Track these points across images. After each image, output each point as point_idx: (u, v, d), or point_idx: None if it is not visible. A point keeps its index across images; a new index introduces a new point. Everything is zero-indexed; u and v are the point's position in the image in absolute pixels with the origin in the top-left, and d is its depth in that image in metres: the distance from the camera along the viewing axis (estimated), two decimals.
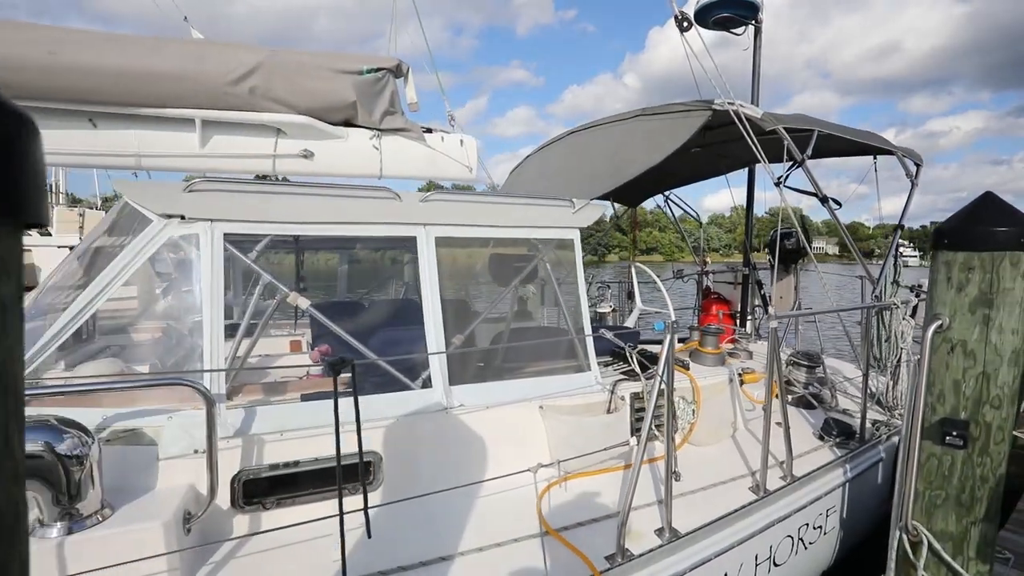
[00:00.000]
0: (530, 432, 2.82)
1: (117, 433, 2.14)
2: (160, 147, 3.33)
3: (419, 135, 4.01)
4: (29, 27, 2.99)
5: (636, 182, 6.23)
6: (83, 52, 2.99)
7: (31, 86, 2.88)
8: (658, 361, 2.47)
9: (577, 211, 3.28)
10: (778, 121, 3.57)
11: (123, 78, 3.05)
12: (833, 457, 3.33)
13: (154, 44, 3.32)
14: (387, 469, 2.48)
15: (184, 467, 2.14)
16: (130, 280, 2.44)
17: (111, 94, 3.07)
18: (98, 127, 3.21)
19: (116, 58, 3.05)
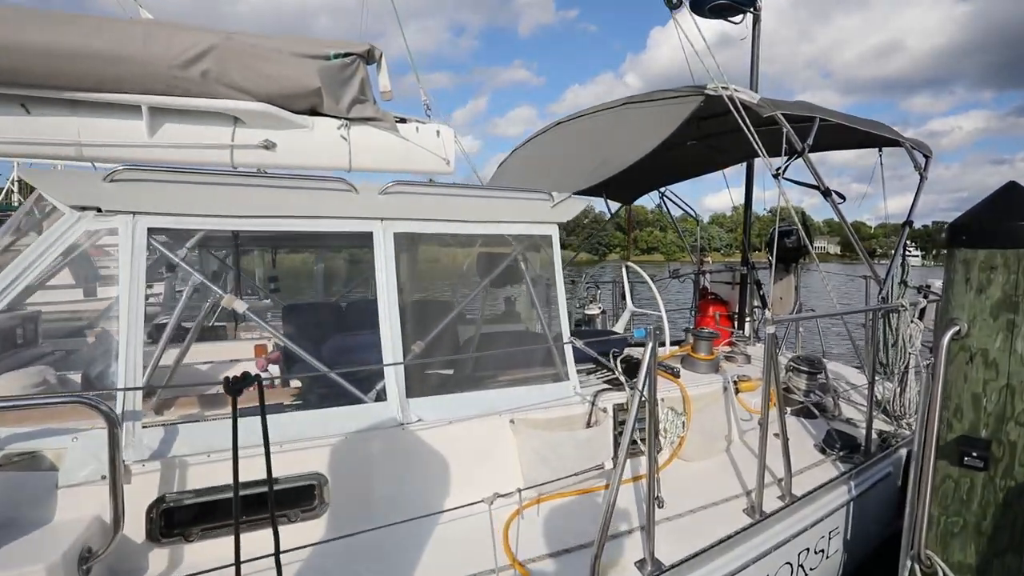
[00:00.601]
0: (499, 450, 2.55)
1: (11, 457, 1.87)
2: (104, 136, 3.06)
3: (391, 125, 3.73)
4: None
5: (629, 178, 5.96)
6: (7, 28, 2.72)
7: None
8: (641, 361, 2.19)
9: (556, 205, 3.01)
10: (776, 107, 3.29)
11: (57, 58, 2.78)
12: (836, 473, 3.05)
13: (95, 23, 3.05)
14: (334, 493, 2.20)
15: (90, 496, 1.87)
16: (78, 280, 2.18)
17: (43, 76, 2.80)
18: (32, 112, 2.94)
19: (48, 36, 2.78)
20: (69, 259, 2.19)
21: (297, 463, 2.16)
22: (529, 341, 3.06)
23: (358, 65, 3.67)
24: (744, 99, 3.22)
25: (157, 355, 2.11)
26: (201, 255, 5.17)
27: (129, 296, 2.05)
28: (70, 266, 6.51)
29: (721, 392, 3.33)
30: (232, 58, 3.13)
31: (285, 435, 2.14)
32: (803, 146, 3.27)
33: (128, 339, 2.01)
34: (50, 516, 1.83)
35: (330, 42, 3.70)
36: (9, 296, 2.02)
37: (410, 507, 2.26)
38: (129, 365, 2.00)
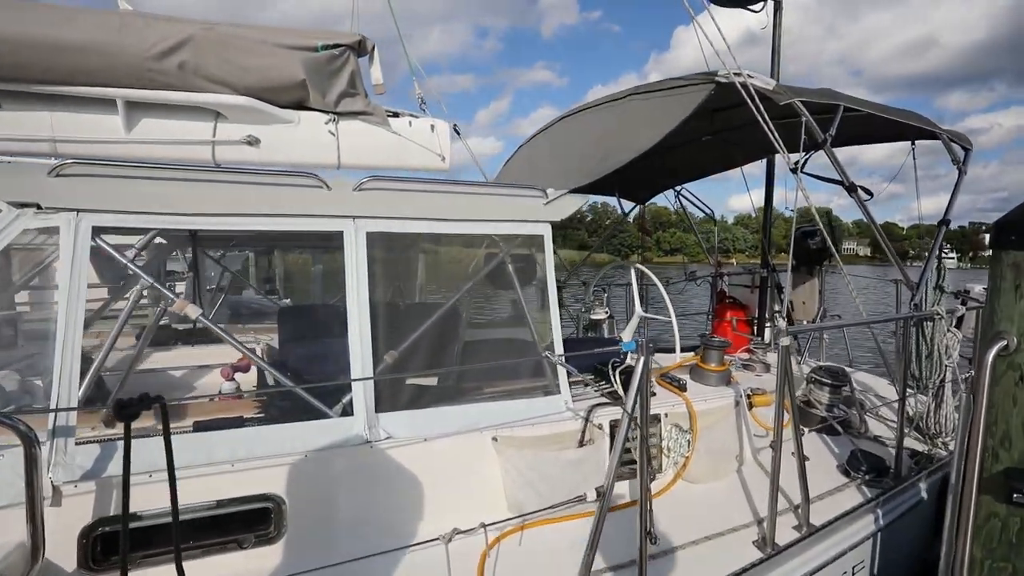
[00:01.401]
0: (480, 471, 2.32)
1: None
2: (79, 131, 2.93)
3: (382, 119, 3.55)
4: None
5: (641, 176, 5.68)
6: None
7: None
8: (631, 378, 1.94)
9: (549, 202, 2.76)
10: (795, 94, 2.98)
11: (25, 49, 2.67)
12: (862, 499, 2.74)
13: (66, 13, 2.92)
14: (292, 517, 2.00)
15: (17, 519, 1.68)
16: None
17: (15, 68, 2.68)
18: (3, 107, 2.82)
19: (14, 26, 2.66)
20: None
21: (251, 483, 1.96)
22: (516, 350, 2.82)
23: (348, 57, 3.49)
24: (759, 86, 2.93)
25: (96, 367, 1.94)
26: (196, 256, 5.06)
27: (68, 301, 1.88)
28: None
29: (732, 407, 3.05)
30: (211, 49, 2.99)
31: (238, 452, 1.95)
32: (824, 137, 2.96)
33: (64, 348, 1.84)
34: None
35: (319, 32, 3.52)
36: None
37: (376, 534, 2.05)
38: (64, 376, 1.83)
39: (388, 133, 3.52)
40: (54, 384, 1.83)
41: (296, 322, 3.61)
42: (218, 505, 1.90)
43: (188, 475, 1.88)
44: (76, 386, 1.85)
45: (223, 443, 1.97)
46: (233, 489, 1.93)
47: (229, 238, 4.55)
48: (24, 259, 3.78)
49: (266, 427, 2.09)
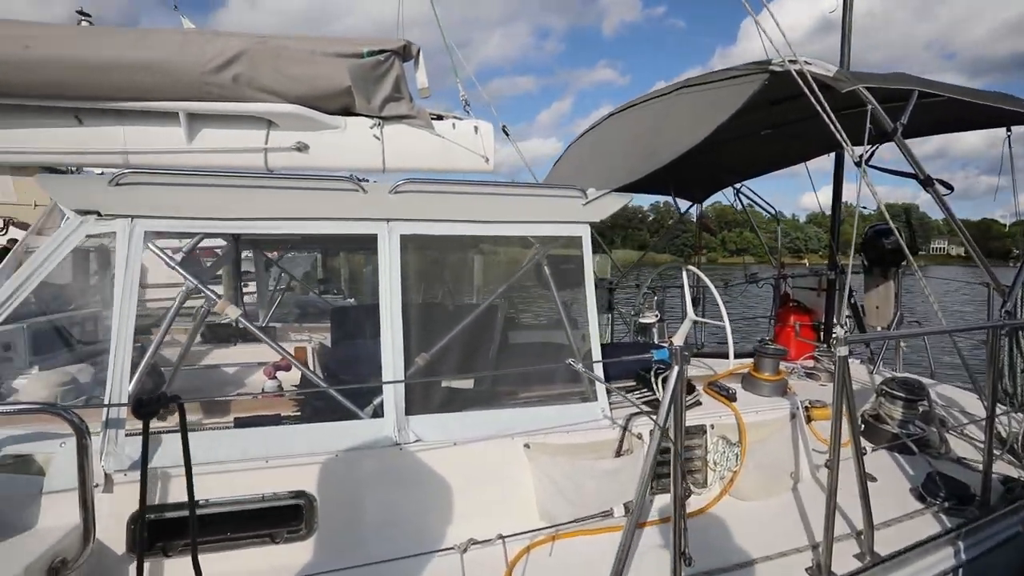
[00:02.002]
0: (511, 478, 2.27)
1: (7, 459, 1.86)
2: (147, 143, 3.14)
3: (426, 122, 3.58)
4: (5, 23, 2.90)
5: (697, 174, 5.44)
6: (60, 45, 2.86)
7: (6, 82, 2.76)
8: (664, 390, 1.83)
9: (589, 203, 2.68)
10: (859, 80, 2.73)
11: (103, 70, 2.89)
12: (940, 528, 2.46)
13: (136, 36, 3.16)
14: (322, 515, 2.03)
15: (74, 503, 1.81)
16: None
17: (93, 88, 2.92)
18: (84, 123, 3.07)
19: (95, 50, 2.91)
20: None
21: (284, 480, 2.01)
22: (552, 355, 2.75)
23: (392, 62, 3.55)
24: (817, 73, 2.70)
25: (145, 363, 2.06)
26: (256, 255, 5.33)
27: (121, 300, 2.00)
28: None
29: (787, 419, 2.83)
30: (262, 61, 3.12)
31: (271, 450, 2.01)
32: (894, 126, 2.69)
33: (117, 345, 1.96)
34: (34, 521, 1.81)
35: (365, 39, 3.61)
36: (19, 298, 2.04)
37: (403, 538, 2.04)
38: (116, 372, 1.95)
39: (432, 136, 3.55)
40: (108, 379, 1.95)
41: (346, 321, 3.71)
42: (255, 500, 1.97)
43: (225, 469, 1.95)
44: (127, 381, 1.96)
45: (259, 439, 2.03)
46: (267, 485, 1.98)
47: (287, 240, 4.75)
48: (105, 260, 4.12)
49: (300, 426, 2.14)
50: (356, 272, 8.60)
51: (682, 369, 1.75)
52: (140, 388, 2.08)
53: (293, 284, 6.53)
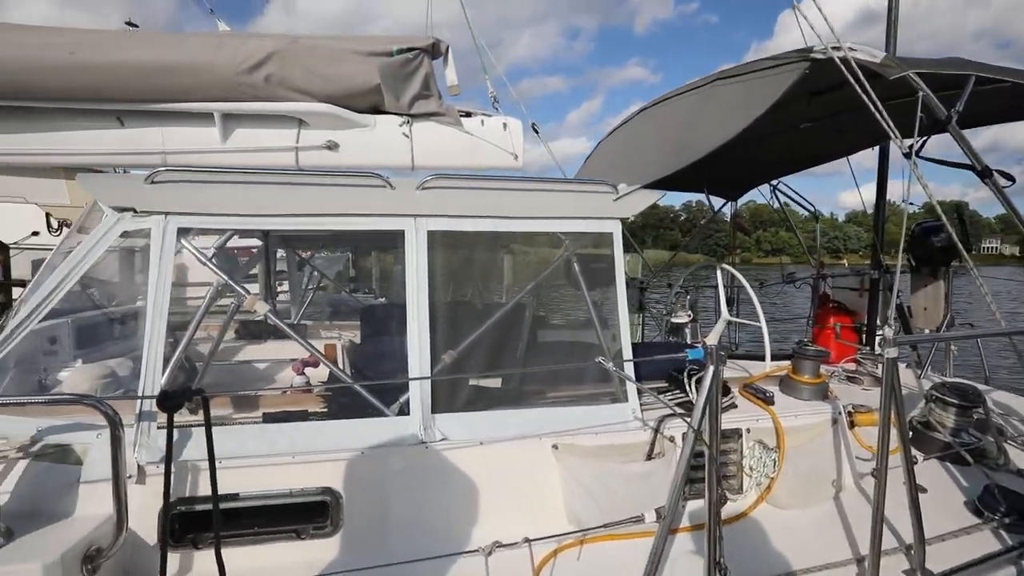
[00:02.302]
0: (538, 479, 2.22)
1: (47, 448, 1.91)
2: (184, 143, 3.23)
3: (455, 120, 3.59)
4: (48, 30, 3.03)
5: (732, 170, 5.27)
6: (103, 50, 2.97)
7: (54, 87, 2.88)
8: (699, 392, 1.75)
9: (619, 198, 2.61)
10: (908, 66, 2.57)
11: (143, 73, 2.99)
12: (1000, 546, 2.30)
13: (174, 39, 3.26)
14: (348, 512, 2.03)
15: (109, 493, 1.84)
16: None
17: (134, 90, 3.02)
18: (125, 125, 3.17)
19: (135, 54, 3.01)
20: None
21: (311, 476, 2.02)
22: (582, 354, 2.69)
23: (421, 60, 3.57)
24: (863, 59, 2.56)
25: (177, 356, 2.09)
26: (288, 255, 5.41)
27: (155, 296, 2.04)
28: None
29: (828, 424, 2.70)
30: (293, 60, 3.17)
31: (298, 445, 2.01)
32: (948, 114, 2.52)
33: (152, 340, 2.00)
34: (71, 510, 1.85)
35: (395, 38, 3.63)
36: (60, 294, 2.10)
37: (427, 537, 2.02)
38: (149, 365, 1.98)
39: (461, 133, 3.55)
40: (142, 371, 1.99)
41: (374, 320, 3.72)
42: (283, 495, 1.97)
43: (253, 464, 1.96)
44: (159, 375, 2.00)
45: (286, 435, 2.04)
46: (293, 480, 1.99)
47: (317, 238, 4.81)
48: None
49: (327, 422, 2.14)
50: (387, 271, 8.70)
51: (717, 369, 1.68)
52: (172, 382, 2.11)
53: (324, 283, 6.63)
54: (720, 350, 1.68)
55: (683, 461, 1.69)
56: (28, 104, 2.92)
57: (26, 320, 2.09)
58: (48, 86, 2.80)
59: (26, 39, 2.92)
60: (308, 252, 6.52)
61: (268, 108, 3.22)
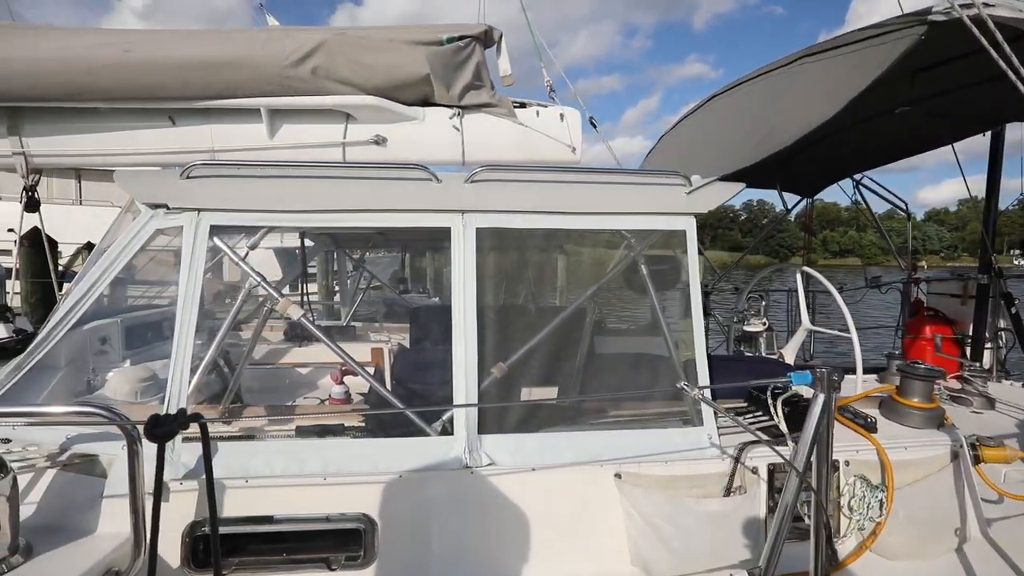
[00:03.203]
0: (597, 512, 1.94)
1: (75, 458, 1.81)
2: (232, 140, 3.17)
3: (508, 111, 3.38)
4: (100, 31, 3.03)
5: (809, 163, 4.77)
6: (156, 48, 2.95)
7: (109, 86, 2.87)
8: (804, 425, 1.42)
9: (693, 191, 2.29)
10: None
11: (193, 70, 2.95)
12: None
13: (224, 35, 3.22)
14: (383, 541, 1.82)
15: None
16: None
17: (184, 88, 2.98)
18: (177, 123, 3.13)
19: (186, 50, 2.97)
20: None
21: (343, 499, 1.82)
22: (650, 367, 2.37)
23: (473, 48, 3.39)
24: (1003, 16, 2.10)
25: (204, 364, 1.95)
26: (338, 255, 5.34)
27: (184, 298, 1.91)
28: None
29: (947, 459, 2.27)
30: (340, 52, 3.06)
31: (329, 465, 1.83)
32: None
33: (179, 343, 1.87)
34: (93, 526, 1.75)
35: (446, 26, 3.46)
36: (96, 292, 2.01)
37: (471, 574, 1.78)
38: (177, 370, 1.84)
39: (515, 125, 3.34)
40: (170, 380, 1.86)
41: (423, 322, 3.54)
42: (311, 519, 1.79)
43: (279, 483, 1.80)
44: (187, 381, 1.86)
45: (317, 453, 1.86)
46: (324, 504, 1.81)
47: (366, 236, 4.69)
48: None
49: (363, 440, 1.95)
50: (441, 271, 8.59)
51: (830, 399, 1.35)
52: (204, 387, 1.98)
53: (376, 283, 6.57)
54: (834, 374, 1.35)
55: (783, 512, 1.37)
56: (85, 105, 2.91)
57: (63, 321, 2.02)
58: (104, 86, 2.78)
59: (80, 40, 2.92)
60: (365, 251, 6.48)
61: (314, 102, 3.11)
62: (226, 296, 4.00)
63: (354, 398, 2.51)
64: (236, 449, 1.85)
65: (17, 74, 2.72)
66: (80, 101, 2.88)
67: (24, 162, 3.05)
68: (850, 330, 3.03)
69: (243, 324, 3.80)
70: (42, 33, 3.04)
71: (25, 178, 3.18)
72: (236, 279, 6.13)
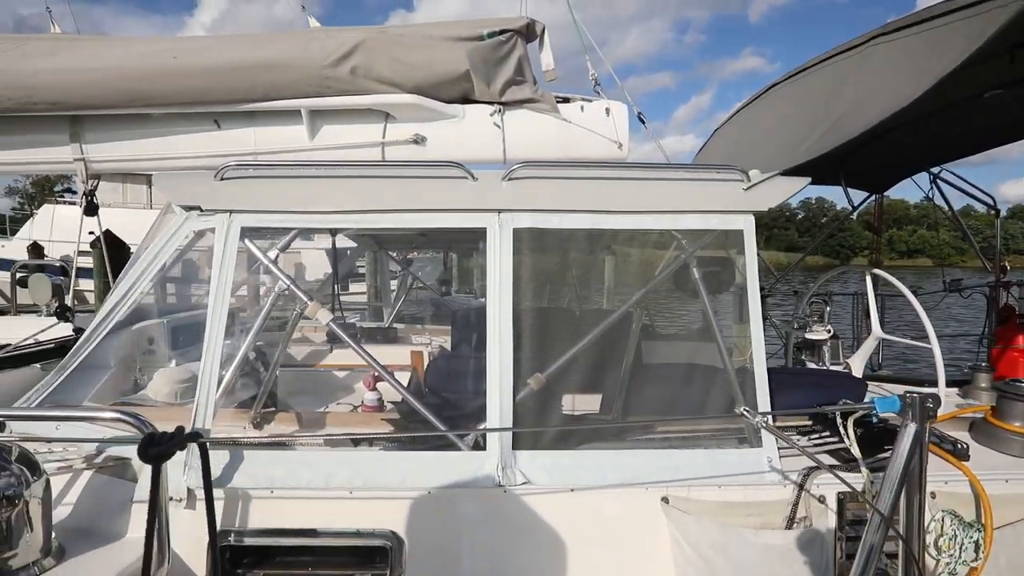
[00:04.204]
0: (641, 540, 1.77)
1: (109, 460, 1.80)
2: (274, 142, 3.19)
3: (551, 106, 3.26)
4: (154, 40, 3.11)
5: (878, 156, 4.36)
6: (202, 53, 3.01)
7: (159, 92, 2.95)
8: (890, 461, 1.22)
9: (751, 187, 2.08)
10: None
11: (237, 73, 3.01)
12: None
13: (267, 38, 3.26)
14: (411, 561, 1.72)
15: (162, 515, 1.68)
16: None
17: (229, 91, 3.04)
18: (222, 127, 3.19)
19: (230, 54, 3.02)
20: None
21: (369, 515, 1.74)
22: (702, 378, 2.17)
23: (515, 43, 3.30)
24: None
25: (234, 368, 1.91)
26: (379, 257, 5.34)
27: (214, 300, 1.87)
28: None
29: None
30: (379, 50, 3.04)
31: (355, 478, 1.74)
32: None
33: (208, 346, 1.83)
34: (123, 531, 1.73)
35: (487, 21, 3.38)
36: (134, 295, 2.02)
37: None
38: (206, 374, 1.81)
39: (558, 121, 3.23)
40: (200, 384, 1.83)
41: (464, 325, 3.45)
42: (335, 534, 1.72)
43: (307, 495, 1.73)
44: (215, 385, 1.82)
45: (344, 464, 1.78)
46: (349, 518, 1.73)
47: (409, 238, 4.66)
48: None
49: (391, 453, 1.85)
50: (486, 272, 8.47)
51: (923, 431, 1.13)
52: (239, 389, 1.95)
53: (418, 285, 6.57)
54: (929, 402, 1.14)
55: (866, 561, 1.16)
56: (138, 111, 2.99)
57: (104, 322, 2.03)
58: (155, 92, 2.84)
59: (134, 49, 3.01)
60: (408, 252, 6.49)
61: (353, 102, 3.10)
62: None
63: (387, 405, 2.44)
64: (261, 459, 1.80)
65: (78, 84, 2.83)
66: (134, 107, 2.96)
67: (84, 168, 3.16)
68: (930, 339, 2.70)
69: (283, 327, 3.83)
70: (100, 44, 3.15)
71: (85, 183, 3.31)
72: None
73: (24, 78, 2.79)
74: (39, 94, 2.82)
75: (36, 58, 2.94)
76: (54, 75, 2.81)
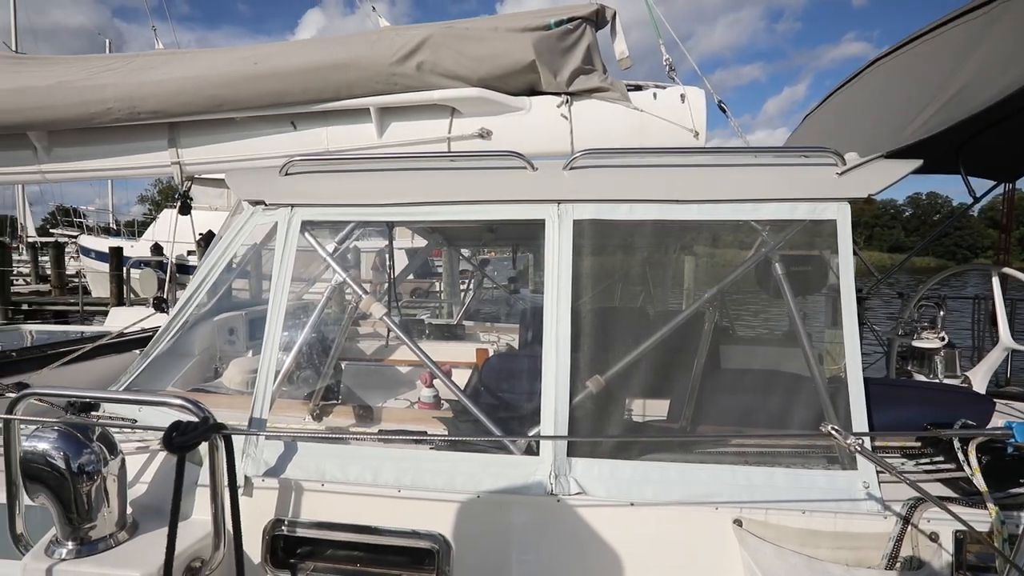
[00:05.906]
0: (708, 565, 1.59)
1: None
2: (344, 141, 3.29)
3: (621, 95, 3.12)
4: (236, 49, 3.31)
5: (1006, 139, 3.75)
6: (279, 58, 3.16)
7: (241, 97, 3.12)
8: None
9: (846, 172, 1.83)
10: None
11: (310, 74, 3.13)
12: None
13: (339, 40, 3.36)
14: (457, 565, 1.66)
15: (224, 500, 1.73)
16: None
17: (304, 92, 3.18)
18: (297, 128, 3.32)
19: (304, 57, 3.14)
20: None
21: (416, 515, 1.69)
22: (784, 387, 1.92)
23: (583, 30, 3.20)
24: None
25: (290, 360, 1.93)
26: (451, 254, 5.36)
27: (274, 294, 1.91)
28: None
29: None
30: (445, 45, 3.04)
31: (403, 477, 1.70)
32: None
33: (268, 338, 1.87)
34: (189, 512, 1.79)
35: (554, 10, 3.29)
36: (204, 288, 2.11)
37: None
38: (264, 365, 1.84)
39: (629, 110, 3.07)
40: (259, 376, 1.86)
41: (531, 324, 3.37)
42: (381, 532, 1.69)
43: (356, 491, 1.71)
44: (272, 377, 1.85)
45: (393, 462, 1.75)
46: (395, 517, 1.69)
47: (478, 234, 4.64)
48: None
49: (440, 453, 1.79)
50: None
51: None
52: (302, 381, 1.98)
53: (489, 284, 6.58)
54: None
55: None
56: (224, 116, 3.17)
57: (179, 313, 2.14)
58: (238, 97, 3.01)
59: (220, 58, 3.20)
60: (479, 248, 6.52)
61: (419, 98, 3.14)
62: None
63: (443, 403, 2.41)
64: (312, 451, 1.80)
65: (174, 92, 3.05)
66: (221, 112, 3.14)
67: (180, 171, 3.41)
68: None
69: (360, 321, 3.91)
70: (192, 56, 3.39)
71: (180, 185, 3.57)
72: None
73: (131, 90, 3.05)
74: (143, 104, 3.07)
75: (140, 72, 3.19)
76: (154, 86, 3.05)
